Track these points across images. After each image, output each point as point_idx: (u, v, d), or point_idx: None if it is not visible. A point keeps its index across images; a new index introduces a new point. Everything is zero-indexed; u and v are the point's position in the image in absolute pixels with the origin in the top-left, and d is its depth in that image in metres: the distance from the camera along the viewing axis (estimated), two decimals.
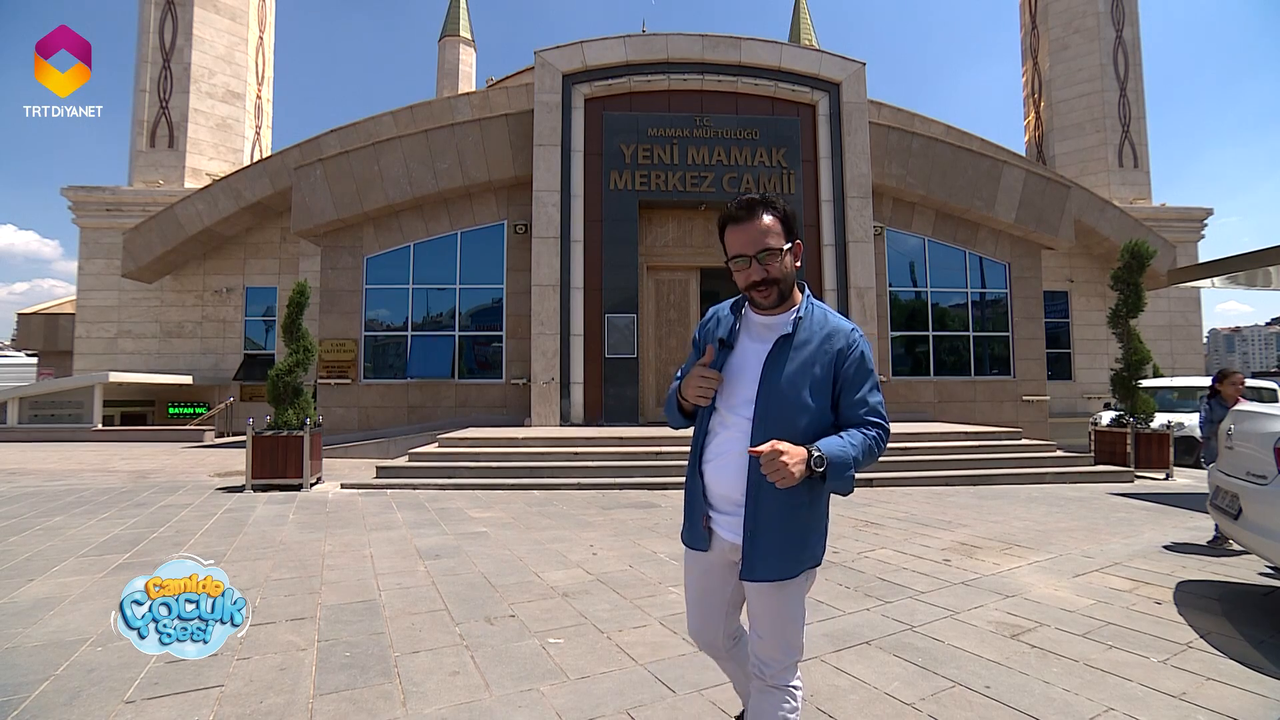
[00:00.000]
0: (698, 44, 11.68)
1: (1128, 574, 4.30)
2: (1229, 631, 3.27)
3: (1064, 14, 20.25)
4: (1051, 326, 16.63)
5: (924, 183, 12.57)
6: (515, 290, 12.05)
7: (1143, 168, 19.76)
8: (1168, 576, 4.23)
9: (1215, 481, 4.19)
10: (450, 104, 14.61)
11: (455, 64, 28.85)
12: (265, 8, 19.90)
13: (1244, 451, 3.91)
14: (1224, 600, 3.81)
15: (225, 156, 18.11)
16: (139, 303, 16.58)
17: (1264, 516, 3.49)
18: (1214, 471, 4.30)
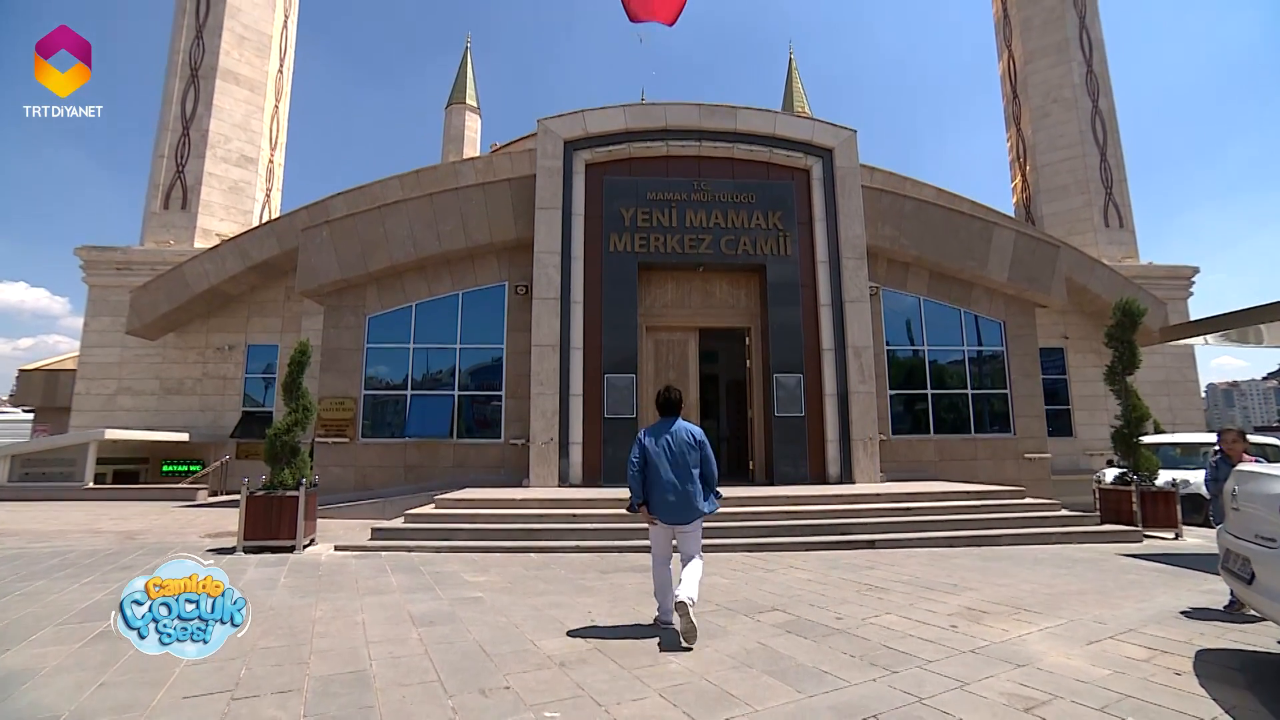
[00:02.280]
0: (695, 112, 12.19)
1: (1144, 641, 4.17)
2: (1254, 706, 3.15)
3: (1042, 85, 21.25)
4: (1049, 383, 16.67)
5: (917, 244, 12.87)
6: (515, 350, 12.13)
7: (1128, 228, 20.28)
8: (1186, 645, 4.10)
9: (1225, 544, 4.11)
10: (455, 168, 15.11)
11: (461, 129, 29.99)
12: (283, 79, 20.86)
13: (1251, 513, 3.85)
14: (1246, 671, 3.67)
15: (235, 218, 18.58)
16: (140, 359, 16.65)
17: (1278, 581, 3.41)
18: (1223, 533, 4.22)
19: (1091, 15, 21.39)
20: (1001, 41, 23.32)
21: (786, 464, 11.49)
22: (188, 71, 18.53)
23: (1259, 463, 5.32)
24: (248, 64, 19.29)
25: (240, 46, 19.16)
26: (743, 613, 4.92)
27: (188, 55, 18.62)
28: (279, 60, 20.49)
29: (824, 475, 11.54)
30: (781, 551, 7.74)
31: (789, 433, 11.61)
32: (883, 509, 9.01)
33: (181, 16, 18.84)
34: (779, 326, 11.86)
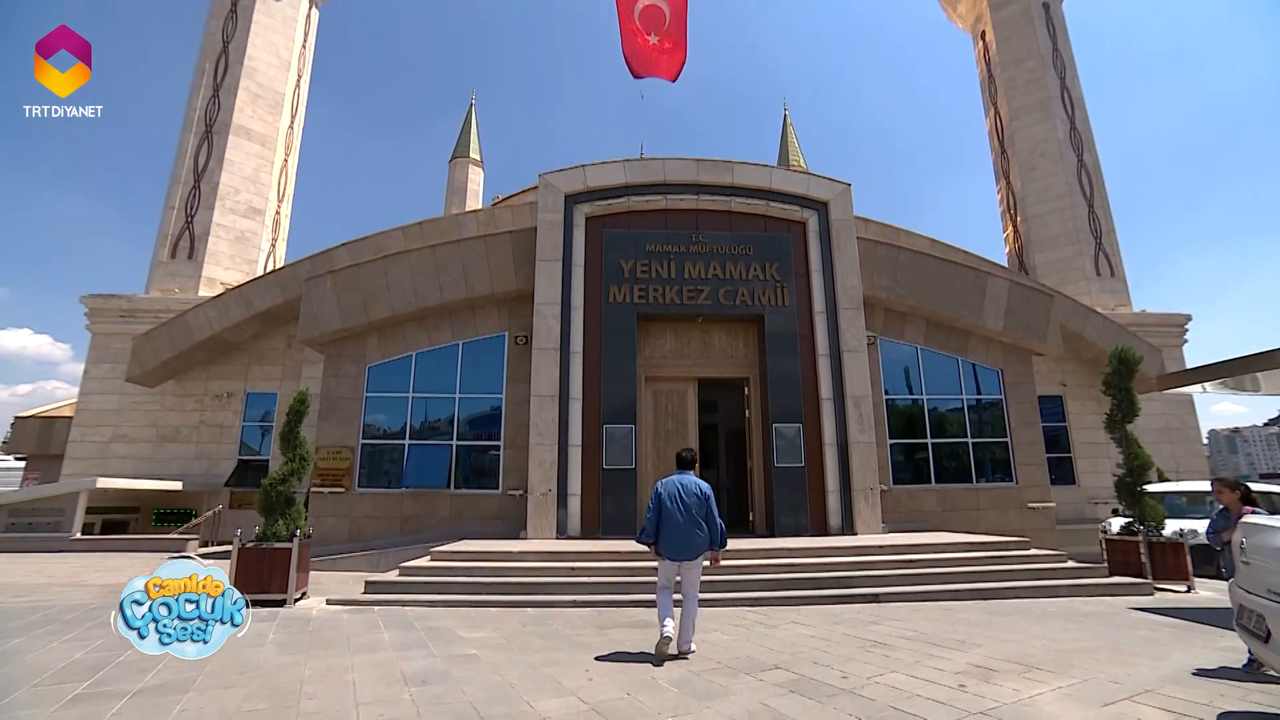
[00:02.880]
0: (692, 167, 12.56)
1: (1161, 704, 4.03)
2: None
3: (1028, 141, 21.97)
4: (1049, 431, 16.60)
5: (913, 293, 13.04)
6: (514, 400, 12.13)
7: (1119, 276, 20.59)
8: (1206, 707, 3.96)
9: (1238, 599, 4.02)
10: (458, 220, 15.43)
11: (464, 182, 30.77)
12: (293, 134, 21.53)
13: (1262, 567, 3.79)
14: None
15: (240, 267, 18.85)
16: (138, 406, 16.59)
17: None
18: (1235, 588, 4.13)
19: (1071, 76, 22.31)
20: (988, 99, 24.24)
21: (787, 514, 11.34)
22: (202, 127, 19.15)
23: (1259, 514, 5.27)
24: (260, 120, 19.95)
25: (254, 104, 19.85)
26: (745, 671, 4.77)
27: (203, 112, 19.28)
28: (290, 116, 21.20)
29: (825, 526, 11.37)
30: (783, 606, 7.55)
31: (789, 483, 11.49)
32: (886, 561, 8.84)
33: (200, 77, 19.60)
34: (778, 376, 11.90)
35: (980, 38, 24.70)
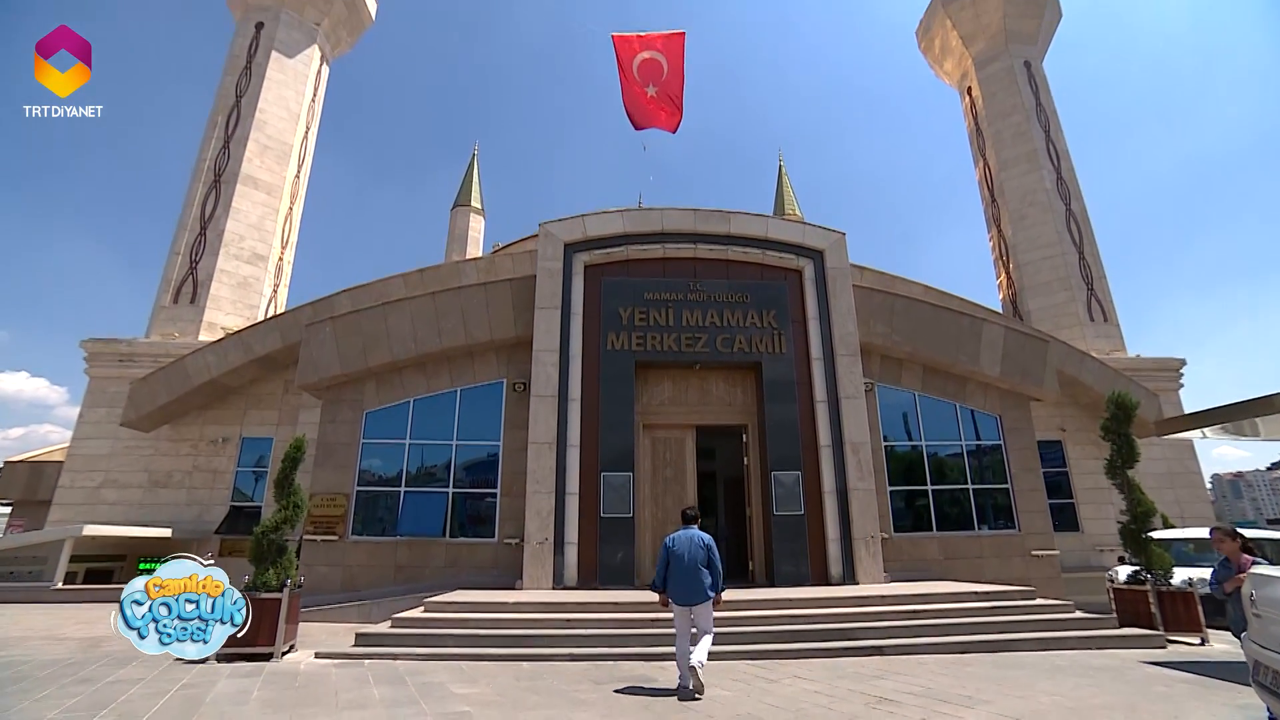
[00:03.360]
0: (690, 217, 12.83)
1: None
2: None
3: (1017, 190, 22.54)
4: (1050, 476, 16.47)
5: (909, 340, 13.15)
6: (512, 448, 12.06)
7: (1112, 321, 20.80)
8: None
9: (1252, 655, 3.91)
10: (458, 268, 15.65)
11: (465, 230, 31.30)
12: (299, 183, 22.02)
13: (1274, 620, 3.71)
14: None
15: (242, 312, 18.98)
16: (131, 451, 16.42)
17: None
18: (1248, 643, 4.03)
19: (1055, 129, 23.06)
20: (976, 151, 24.98)
21: (787, 563, 11.14)
22: (212, 177, 19.60)
23: (1261, 563, 5.19)
24: (268, 170, 20.43)
25: (263, 155, 20.37)
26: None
27: (213, 162, 19.76)
28: (297, 166, 21.73)
29: (826, 575, 11.16)
30: (785, 659, 7.34)
31: (789, 531, 11.33)
32: (889, 611, 8.64)
33: (212, 129, 20.19)
34: (776, 423, 11.88)
35: (967, 93, 25.64)
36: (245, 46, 21.30)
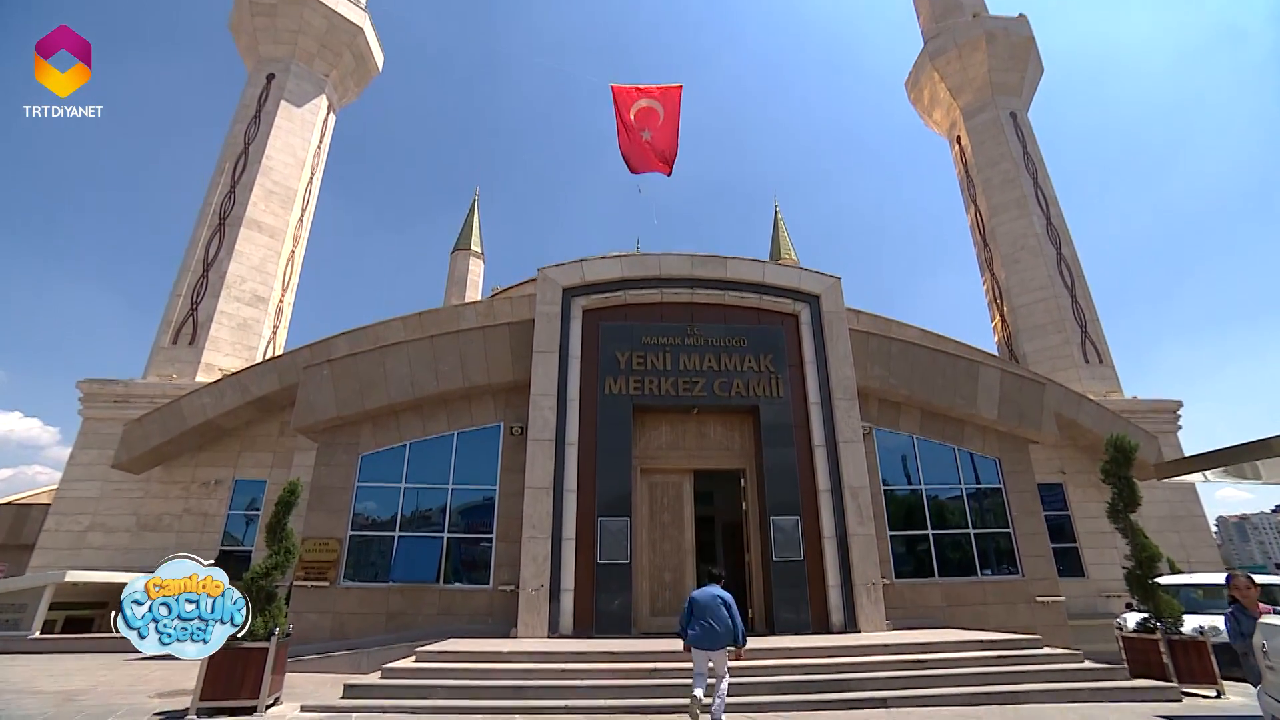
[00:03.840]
0: (687, 263, 13.02)
1: None
2: None
3: (1009, 235, 22.97)
4: (1053, 520, 16.31)
5: (906, 383, 13.19)
6: (508, 492, 11.94)
7: (1107, 363, 20.90)
8: None
9: (1269, 709, 3.82)
10: (457, 311, 15.77)
11: (465, 273, 31.66)
12: (302, 227, 22.38)
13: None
14: None
15: (240, 353, 19.01)
16: (120, 494, 16.17)
17: None
18: (1263, 696, 3.94)
19: (1043, 177, 23.66)
20: (967, 197, 25.56)
21: (787, 610, 10.92)
22: (216, 220, 19.91)
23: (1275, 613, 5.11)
24: (272, 214, 20.78)
25: (268, 199, 20.76)
26: None
27: (219, 206, 20.11)
28: (300, 210, 22.12)
29: (827, 622, 10.92)
30: (786, 711, 7.12)
31: (788, 577, 11.14)
32: (893, 661, 8.43)
33: (219, 175, 20.61)
34: (774, 468, 11.81)
35: (956, 141, 26.39)
36: (256, 96, 21.95)
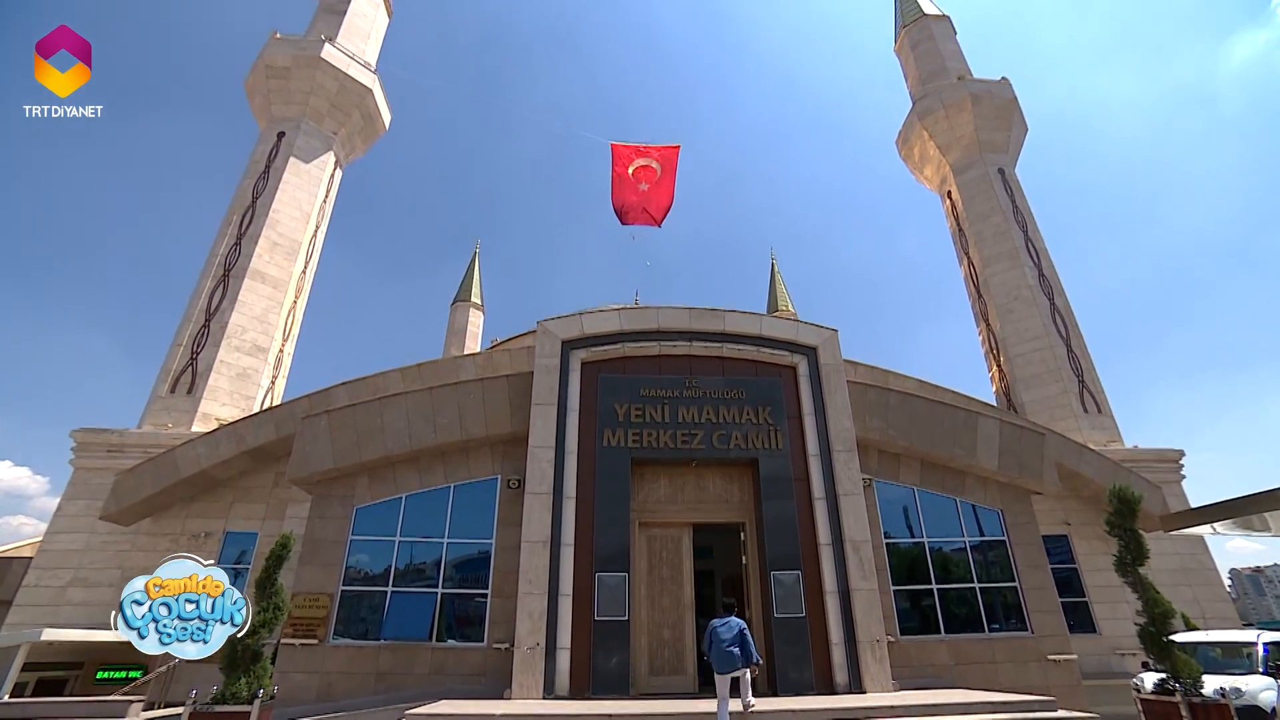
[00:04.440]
0: (685, 316, 13.16)
1: None
2: None
3: (1002, 286, 23.32)
4: (1060, 573, 15.96)
5: (905, 434, 13.15)
6: (504, 546, 11.74)
7: (1106, 412, 20.87)
8: None
9: None
10: (456, 363, 15.86)
11: (465, 324, 31.94)
12: (304, 278, 22.69)
13: None
14: None
15: (238, 403, 18.96)
16: (106, 546, 15.78)
17: None
18: None
19: (1033, 230, 24.21)
20: (960, 250, 26.08)
21: (790, 669, 10.60)
22: (221, 271, 20.20)
23: None
24: (276, 265, 21.10)
25: (272, 251, 21.12)
26: None
27: (224, 258, 20.44)
28: (304, 262, 22.48)
29: (831, 682, 10.57)
30: None
31: (790, 634, 10.84)
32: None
33: (226, 226, 21.04)
34: (774, 521, 11.66)
35: (947, 196, 27.12)
36: (266, 153, 22.62)
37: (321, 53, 23.40)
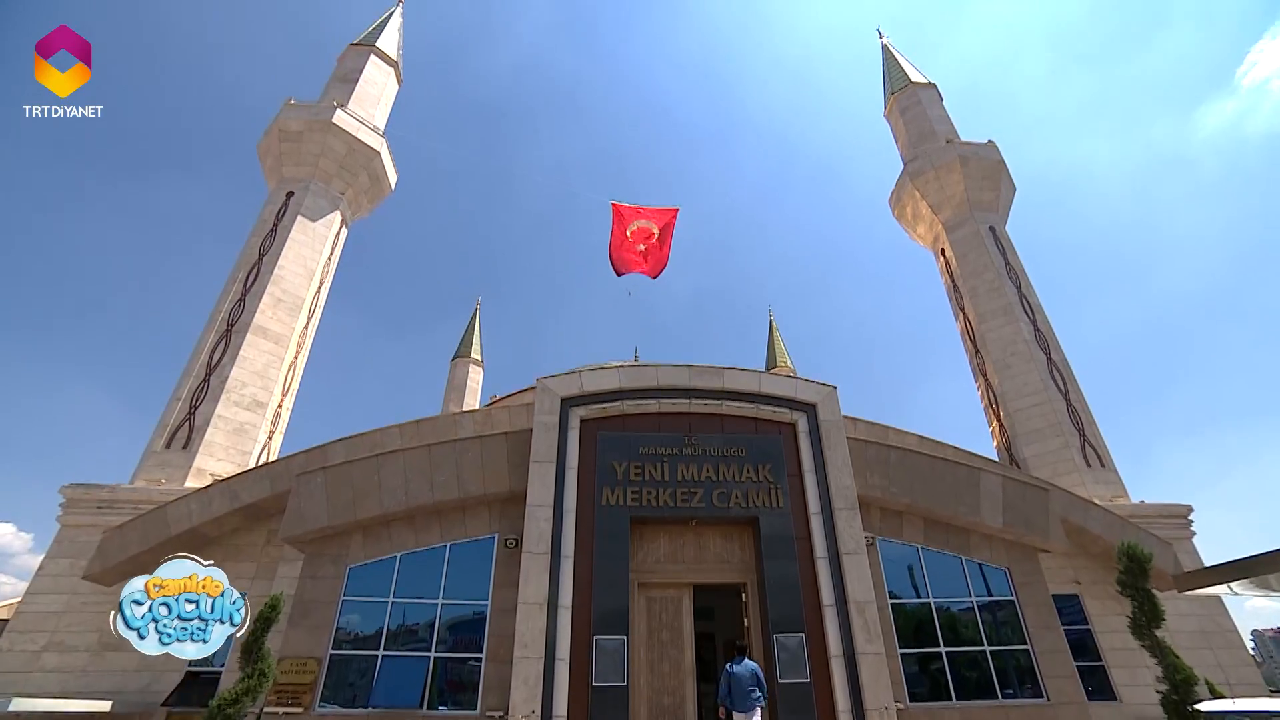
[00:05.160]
0: (684, 373, 13.23)
1: None
2: None
3: (998, 341, 23.51)
4: (1073, 634, 15.42)
5: (907, 492, 13.01)
6: (500, 608, 11.45)
7: (1110, 467, 20.62)
8: None
9: None
10: (455, 420, 15.80)
11: (464, 380, 32.06)
12: (306, 334, 22.89)
13: None
14: None
15: (234, 458, 18.78)
16: (86, 608, 15.21)
17: None
18: None
19: (1026, 286, 24.60)
20: (955, 306, 26.42)
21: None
22: (224, 327, 20.38)
23: None
24: (279, 321, 21.32)
25: (276, 307, 21.37)
26: None
27: (228, 313, 20.67)
28: (306, 318, 22.72)
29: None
30: None
31: (795, 701, 10.43)
32: None
33: (232, 284, 21.36)
34: (776, 581, 11.40)
35: (940, 253, 27.69)
36: (274, 211, 23.21)
37: (333, 118, 24.36)
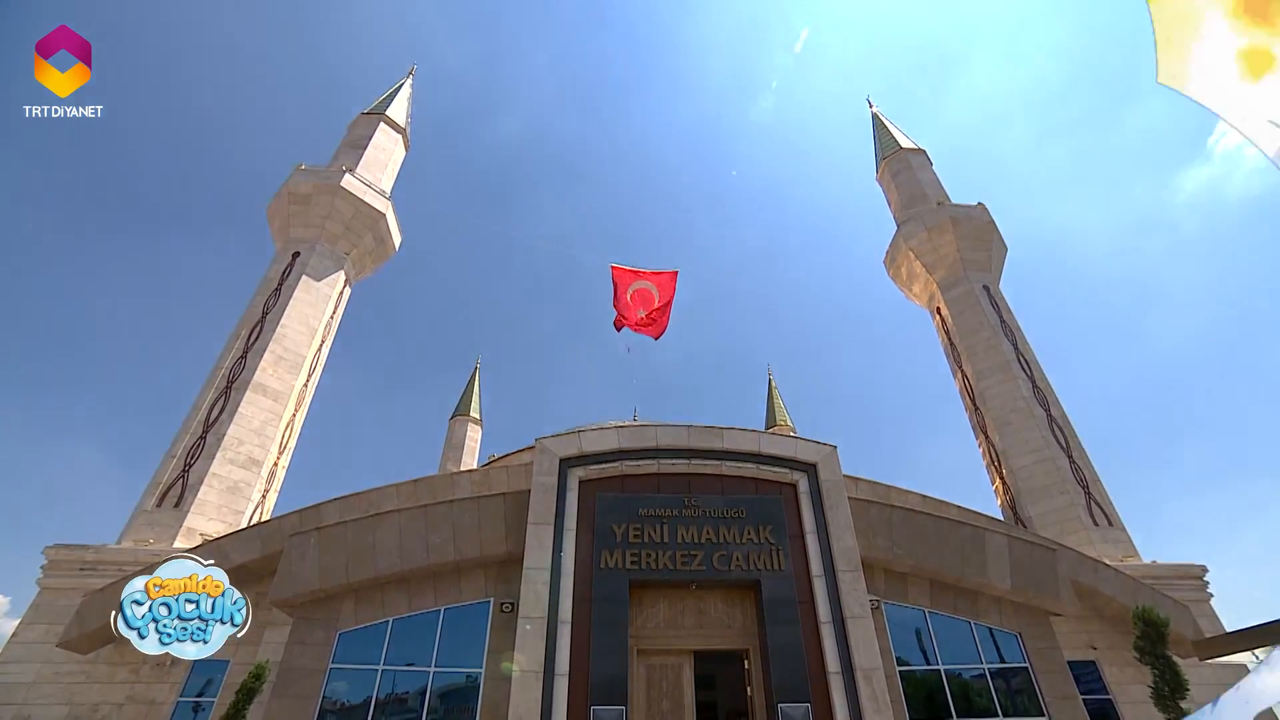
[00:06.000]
0: (684, 434, 13.18)
1: None
2: None
3: (997, 398, 23.50)
4: (1093, 704, 14.71)
5: (911, 553, 12.73)
6: (494, 676, 11.05)
7: (1118, 525, 20.20)
8: None
9: None
10: (453, 479, 15.61)
11: (463, 439, 31.86)
12: (306, 391, 22.88)
13: None
14: None
15: (226, 517, 18.41)
16: (59, 679, 14.47)
17: None
18: None
19: (1022, 343, 24.80)
20: (953, 363, 26.56)
21: None
22: (224, 384, 20.38)
23: None
24: (279, 379, 21.35)
25: (277, 365, 21.45)
26: None
27: (229, 370, 20.71)
28: (306, 376, 22.78)
29: None
30: None
31: None
32: None
33: (234, 340, 21.51)
34: (779, 647, 11.02)
35: (936, 312, 28.06)
36: (280, 271, 23.64)
37: (341, 181, 25.16)
